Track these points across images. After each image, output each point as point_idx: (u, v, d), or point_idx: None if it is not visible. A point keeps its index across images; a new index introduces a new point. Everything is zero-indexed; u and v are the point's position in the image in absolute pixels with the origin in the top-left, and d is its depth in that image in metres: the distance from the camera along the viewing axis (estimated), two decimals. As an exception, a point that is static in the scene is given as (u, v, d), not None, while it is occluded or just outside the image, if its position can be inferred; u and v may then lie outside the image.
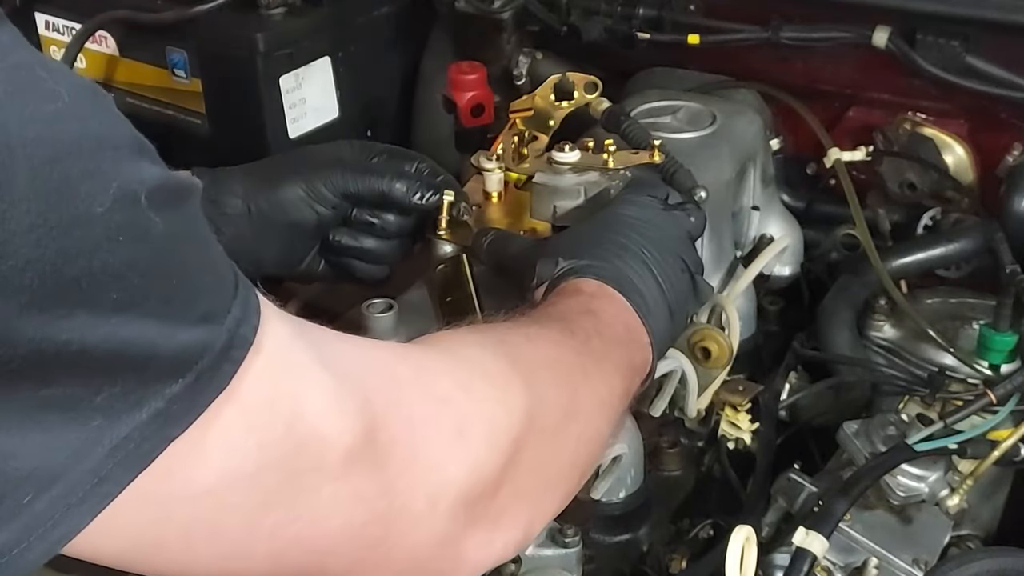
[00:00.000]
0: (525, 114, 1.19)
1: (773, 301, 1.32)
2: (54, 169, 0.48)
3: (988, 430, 1.05)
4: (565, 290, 0.92)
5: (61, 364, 0.49)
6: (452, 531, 0.70)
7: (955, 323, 1.19)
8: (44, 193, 0.48)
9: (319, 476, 0.61)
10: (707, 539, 1.12)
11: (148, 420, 0.53)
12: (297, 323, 0.64)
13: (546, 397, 0.77)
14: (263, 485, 0.59)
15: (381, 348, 0.73)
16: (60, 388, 0.50)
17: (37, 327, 0.48)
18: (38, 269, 0.47)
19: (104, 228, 0.50)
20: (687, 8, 1.38)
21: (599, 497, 1.06)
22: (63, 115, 0.50)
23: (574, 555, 1.00)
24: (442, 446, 0.69)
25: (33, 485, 0.50)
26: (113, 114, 0.53)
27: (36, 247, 0.47)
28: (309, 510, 0.62)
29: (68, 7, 1.46)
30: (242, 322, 0.57)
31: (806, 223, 1.34)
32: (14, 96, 0.48)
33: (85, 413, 0.51)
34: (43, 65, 0.50)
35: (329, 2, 1.40)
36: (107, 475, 0.52)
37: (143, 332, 0.52)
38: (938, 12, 1.24)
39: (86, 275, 0.49)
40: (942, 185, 1.30)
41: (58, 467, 0.51)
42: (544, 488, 0.79)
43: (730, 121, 1.25)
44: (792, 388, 1.20)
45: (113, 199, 0.50)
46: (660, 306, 0.94)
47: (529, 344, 0.80)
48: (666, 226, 1.00)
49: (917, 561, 0.98)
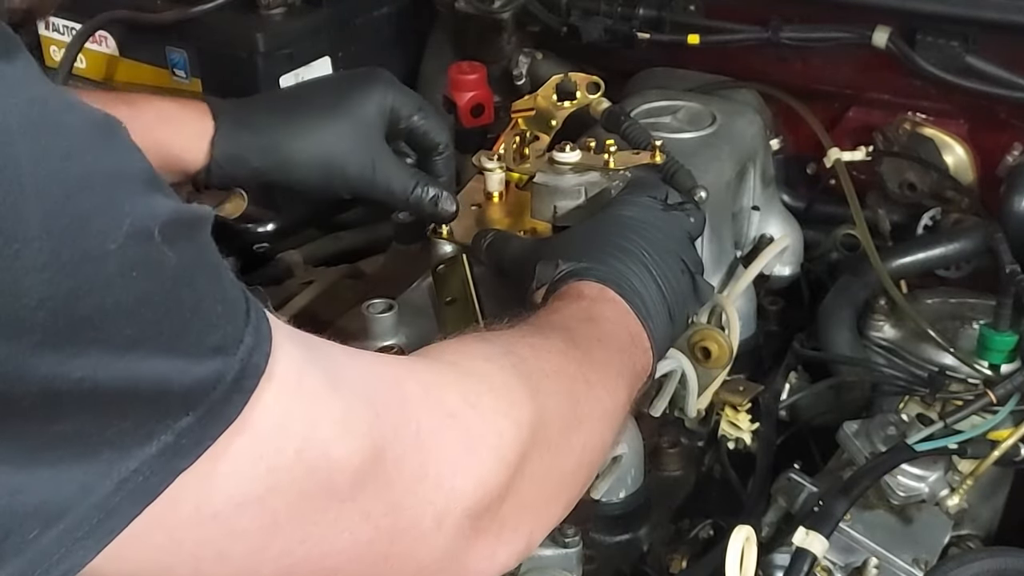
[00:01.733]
0: (527, 114, 1.19)
1: (773, 301, 1.32)
2: (67, 206, 0.48)
3: (988, 430, 1.05)
4: (566, 294, 0.92)
5: (73, 401, 0.49)
6: (457, 545, 0.70)
7: (955, 323, 1.19)
8: (57, 231, 0.47)
9: (328, 498, 0.61)
10: (707, 539, 1.12)
11: (157, 453, 0.52)
12: (306, 341, 0.63)
13: (551, 409, 0.77)
14: (271, 509, 0.59)
15: (390, 364, 0.72)
16: (70, 424, 0.49)
17: (50, 365, 0.48)
18: (51, 307, 0.47)
19: (117, 265, 0.49)
20: (687, 8, 1.39)
21: (599, 497, 1.06)
22: (76, 150, 0.49)
23: (574, 555, 1.00)
24: (450, 462, 0.69)
25: (39, 520, 0.50)
26: (126, 147, 0.53)
27: (49, 285, 0.47)
28: (317, 531, 0.62)
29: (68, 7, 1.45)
30: (254, 350, 0.57)
31: (806, 223, 1.34)
32: (27, 132, 0.47)
33: (94, 448, 0.51)
34: (58, 99, 0.50)
35: (329, 2, 1.40)
36: (114, 509, 0.52)
37: (156, 367, 0.51)
38: (938, 12, 1.24)
39: (99, 312, 0.49)
40: (942, 185, 1.30)
41: (65, 502, 0.50)
42: (547, 498, 0.79)
43: (730, 121, 1.25)
44: (792, 388, 1.20)
45: (126, 235, 0.50)
46: (660, 308, 0.94)
47: (534, 355, 0.80)
48: (666, 227, 1.00)
49: (917, 561, 0.98)
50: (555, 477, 0.79)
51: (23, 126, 0.47)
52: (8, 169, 0.46)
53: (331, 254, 1.48)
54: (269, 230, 1.40)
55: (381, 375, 0.68)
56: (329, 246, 1.49)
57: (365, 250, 1.45)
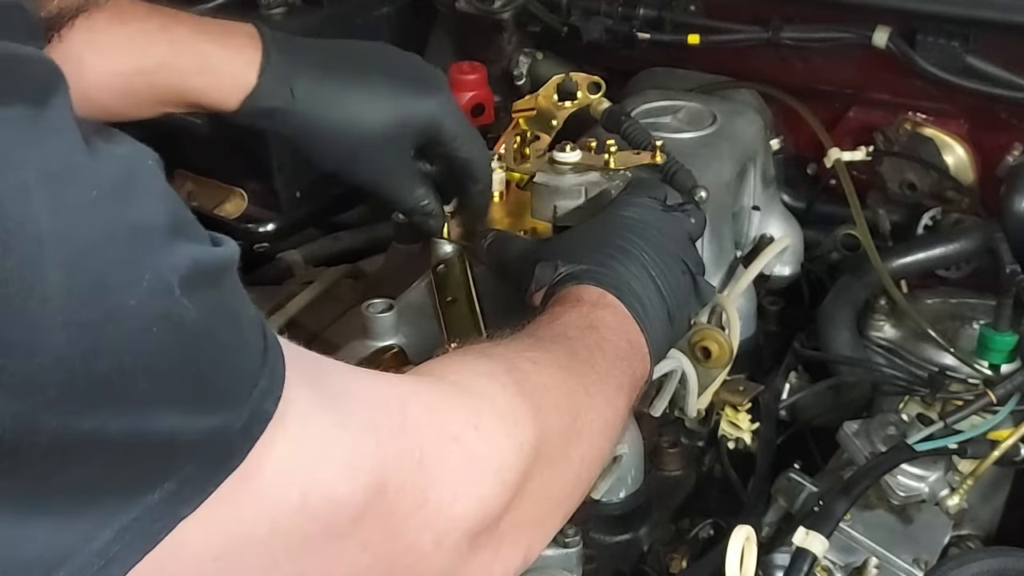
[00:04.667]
0: (528, 114, 1.20)
1: (773, 301, 1.32)
2: (87, 263, 0.46)
3: (988, 430, 1.05)
4: (565, 298, 0.92)
5: (80, 452, 0.48)
6: (454, 563, 0.69)
7: (955, 323, 1.19)
8: (77, 288, 0.46)
9: (329, 536, 0.61)
10: (707, 539, 1.12)
11: (159, 501, 0.52)
12: (316, 376, 0.62)
13: (552, 425, 0.77)
14: (272, 550, 0.58)
15: (393, 385, 0.70)
16: (76, 474, 0.48)
17: (61, 420, 0.46)
18: (68, 366, 0.46)
19: (137, 321, 0.48)
20: (687, 8, 1.39)
21: (599, 497, 1.06)
22: (99, 204, 0.48)
23: (574, 555, 1.00)
24: (451, 486, 0.68)
25: (39, 569, 0.49)
26: (153, 193, 0.51)
27: (67, 344, 0.46)
28: (315, 564, 0.61)
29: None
30: (266, 395, 0.56)
31: (806, 223, 1.34)
32: (47, 186, 0.46)
33: (97, 497, 0.50)
34: (81, 147, 0.48)
35: (329, 2, 1.40)
36: (114, 557, 0.51)
37: (166, 421, 0.50)
38: (938, 12, 1.24)
39: (116, 370, 0.48)
40: (942, 185, 1.30)
41: (66, 549, 0.49)
42: (546, 513, 0.79)
43: (730, 121, 1.25)
44: (792, 388, 1.20)
45: (147, 291, 0.48)
46: (659, 311, 0.94)
47: (536, 371, 0.80)
48: (666, 228, 0.99)
49: (917, 561, 0.98)
50: (554, 493, 0.79)
51: (43, 180, 0.46)
52: (28, 226, 0.45)
53: (331, 254, 1.48)
54: (269, 230, 1.39)
55: (386, 400, 0.67)
56: (329, 246, 1.49)
57: (365, 250, 1.45)
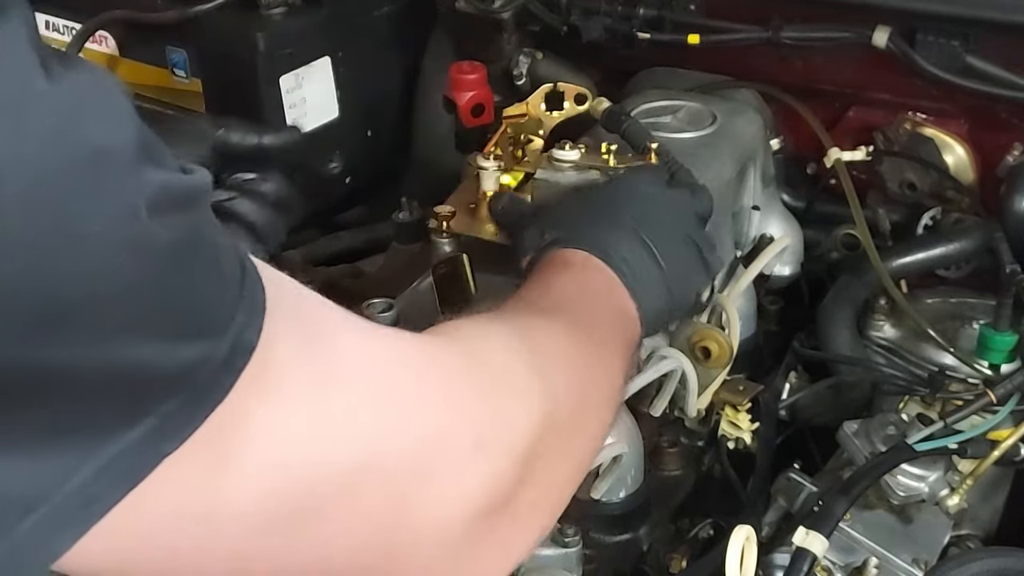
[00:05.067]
0: (518, 120, 1.20)
1: (773, 301, 1.32)
2: (46, 190, 0.45)
3: (988, 430, 1.05)
4: (552, 261, 0.92)
5: (52, 387, 0.47)
6: (468, 544, 0.67)
7: (955, 323, 1.19)
8: (36, 216, 0.44)
9: (322, 499, 0.59)
10: (707, 539, 1.12)
11: (141, 438, 0.50)
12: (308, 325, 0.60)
13: (561, 398, 0.76)
14: (262, 510, 0.56)
15: (400, 346, 0.67)
16: (51, 410, 0.47)
17: (31, 353, 0.45)
18: (33, 295, 0.44)
19: (102, 247, 0.46)
20: (687, 8, 1.38)
21: (599, 497, 1.06)
22: (59, 129, 0.46)
23: (574, 555, 1.01)
24: (459, 460, 0.66)
25: (18, 508, 0.48)
26: (117, 116, 0.49)
27: (28, 272, 0.44)
28: (310, 531, 0.59)
29: (68, 7, 1.45)
30: (246, 328, 0.54)
31: (806, 223, 1.34)
32: (5, 112, 0.44)
33: (75, 434, 0.48)
34: (46, 72, 0.46)
35: (329, 2, 1.40)
36: (95, 494, 0.49)
37: (141, 352, 0.49)
38: (938, 12, 1.24)
39: (83, 299, 0.46)
40: (942, 185, 1.30)
41: (45, 488, 0.48)
42: (557, 487, 0.78)
43: (730, 121, 1.25)
44: (792, 388, 1.20)
45: (112, 216, 0.47)
46: (652, 277, 0.93)
47: (543, 338, 0.79)
48: (666, 201, 0.99)
49: (917, 561, 0.98)
50: (565, 466, 0.78)
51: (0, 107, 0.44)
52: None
53: (331, 254, 1.48)
54: (269, 230, 1.39)
55: (388, 361, 0.65)
56: (329, 246, 1.50)
57: (365, 250, 1.45)
